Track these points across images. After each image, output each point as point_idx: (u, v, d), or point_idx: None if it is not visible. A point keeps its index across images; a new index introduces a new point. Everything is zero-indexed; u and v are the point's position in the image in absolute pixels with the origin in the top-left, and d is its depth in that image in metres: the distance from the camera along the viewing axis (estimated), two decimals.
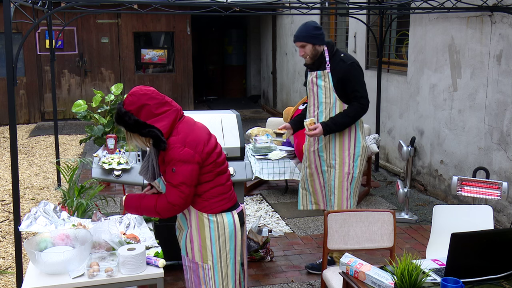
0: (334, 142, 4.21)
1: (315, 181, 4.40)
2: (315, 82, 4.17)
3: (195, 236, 2.88)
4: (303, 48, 4.09)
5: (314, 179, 4.41)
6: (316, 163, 4.34)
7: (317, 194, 4.43)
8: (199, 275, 2.91)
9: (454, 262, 2.51)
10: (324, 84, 4.13)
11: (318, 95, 4.19)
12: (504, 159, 5.35)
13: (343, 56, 4.12)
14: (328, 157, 4.25)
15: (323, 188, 4.38)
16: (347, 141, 4.21)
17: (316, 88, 4.18)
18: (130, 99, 2.73)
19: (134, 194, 2.91)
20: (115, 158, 4.11)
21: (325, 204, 4.39)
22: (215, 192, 2.86)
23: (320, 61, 4.13)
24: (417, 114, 6.84)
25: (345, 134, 4.19)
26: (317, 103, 4.21)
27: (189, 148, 2.72)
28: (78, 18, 9.56)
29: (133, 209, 2.88)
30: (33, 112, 11.56)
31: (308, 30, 4.06)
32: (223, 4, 5.27)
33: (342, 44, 9.40)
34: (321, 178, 4.36)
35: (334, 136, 4.19)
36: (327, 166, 4.28)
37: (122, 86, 7.01)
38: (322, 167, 4.32)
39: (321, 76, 4.14)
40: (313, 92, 4.21)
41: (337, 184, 4.22)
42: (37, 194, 6.57)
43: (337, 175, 4.22)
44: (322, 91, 4.16)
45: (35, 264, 2.62)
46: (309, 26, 4.08)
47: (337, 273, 3.21)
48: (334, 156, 4.22)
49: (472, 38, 5.74)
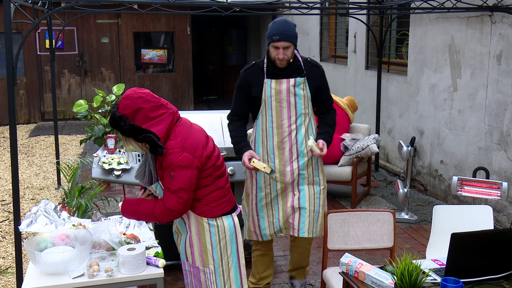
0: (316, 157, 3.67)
1: (287, 203, 3.66)
2: (292, 92, 3.53)
3: (195, 241, 2.84)
4: (286, 50, 3.44)
5: (286, 202, 3.66)
6: (294, 184, 3.64)
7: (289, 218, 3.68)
8: (200, 280, 2.88)
9: (454, 262, 2.51)
10: (303, 93, 3.55)
11: (296, 106, 3.55)
12: (504, 159, 5.35)
13: (310, 60, 3.64)
14: (311, 174, 3.66)
15: (296, 211, 3.65)
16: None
17: (293, 98, 3.54)
18: (124, 102, 2.63)
19: (131, 199, 2.86)
20: (115, 158, 4.12)
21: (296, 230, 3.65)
22: (215, 196, 2.82)
23: (294, 65, 3.54)
24: (417, 114, 6.85)
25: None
26: (295, 114, 3.56)
27: (187, 152, 2.66)
28: (78, 18, 9.56)
29: (131, 214, 2.83)
30: (33, 112, 11.56)
31: (292, 29, 3.46)
32: (223, 4, 5.27)
33: (342, 44, 9.40)
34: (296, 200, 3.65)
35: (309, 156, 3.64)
36: (307, 184, 3.66)
37: (124, 86, 7.02)
38: (300, 186, 3.65)
39: (300, 84, 3.54)
40: (289, 102, 3.54)
41: (322, 201, 3.69)
42: (37, 194, 6.57)
43: (322, 191, 3.70)
44: (301, 101, 3.56)
45: (35, 264, 2.62)
46: (292, 24, 3.47)
47: (337, 273, 3.21)
48: (318, 171, 3.68)
49: (472, 38, 5.74)
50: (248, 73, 3.62)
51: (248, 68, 3.65)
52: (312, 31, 10.32)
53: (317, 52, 10.10)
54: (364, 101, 8.18)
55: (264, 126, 3.61)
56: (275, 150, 3.61)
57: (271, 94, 3.55)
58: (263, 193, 3.69)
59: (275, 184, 3.65)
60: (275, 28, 3.42)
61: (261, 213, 3.72)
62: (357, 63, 8.48)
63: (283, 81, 3.53)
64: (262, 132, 3.63)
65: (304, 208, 3.65)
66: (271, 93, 3.55)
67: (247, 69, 3.65)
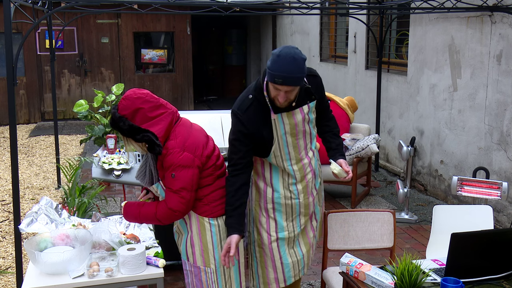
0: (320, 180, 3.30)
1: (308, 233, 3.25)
2: (306, 120, 2.98)
3: (196, 241, 2.85)
4: (289, 93, 2.76)
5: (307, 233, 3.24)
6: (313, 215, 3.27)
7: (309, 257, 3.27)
8: (201, 279, 2.89)
9: (454, 262, 2.51)
10: (314, 116, 3.05)
11: (311, 132, 3.06)
12: (504, 159, 5.35)
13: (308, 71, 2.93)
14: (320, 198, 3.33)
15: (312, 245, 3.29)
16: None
17: (308, 126, 3.01)
18: (124, 103, 2.66)
19: (133, 202, 2.86)
20: (115, 158, 4.12)
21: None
22: (216, 195, 2.83)
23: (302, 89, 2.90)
24: (417, 114, 6.85)
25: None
26: (310, 142, 3.08)
27: (188, 152, 2.67)
28: (78, 18, 9.56)
29: (132, 218, 2.83)
30: (33, 112, 11.56)
31: (302, 70, 2.70)
32: (223, 4, 5.28)
33: (342, 44, 9.40)
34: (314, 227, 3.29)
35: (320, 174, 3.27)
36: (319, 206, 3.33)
37: (123, 86, 7.02)
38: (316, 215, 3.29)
39: (312, 108, 2.99)
40: (304, 132, 3.01)
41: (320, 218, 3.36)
42: (37, 194, 6.57)
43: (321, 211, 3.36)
44: (313, 125, 3.06)
45: (35, 264, 2.62)
46: (300, 62, 2.68)
47: (337, 273, 3.21)
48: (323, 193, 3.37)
49: (472, 38, 5.74)
50: (250, 115, 2.88)
51: (248, 108, 2.89)
52: (312, 31, 10.32)
53: (317, 52, 10.10)
54: (364, 101, 8.18)
55: (281, 165, 3.02)
56: (298, 186, 3.09)
57: (285, 131, 2.94)
58: (285, 233, 3.13)
59: (298, 220, 3.15)
60: (279, 68, 2.67)
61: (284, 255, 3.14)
62: (357, 63, 8.48)
63: (296, 111, 2.92)
64: (282, 173, 3.05)
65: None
66: (285, 130, 2.93)
67: (247, 109, 2.89)
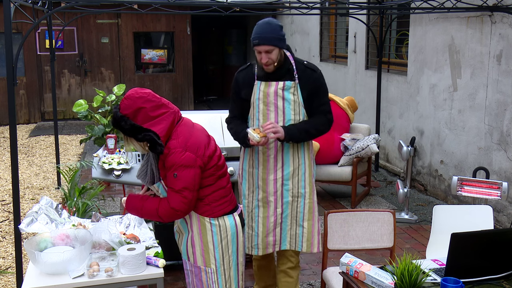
0: (303, 167, 3.46)
1: (269, 218, 3.48)
2: (280, 95, 3.34)
3: (197, 240, 2.85)
4: (269, 54, 3.23)
5: (268, 216, 3.48)
6: (277, 195, 3.45)
7: (268, 236, 3.49)
8: (202, 279, 2.89)
9: (454, 262, 2.51)
10: (293, 98, 3.35)
11: (284, 111, 3.36)
12: (504, 159, 5.35)
13: (307, 64, 3.40)
14: (296, 186, 3.45)
15: (277, 226, 3.48)
16: (313, 164, 3.55)
17: (282, 102, 3.35)
18: (125, 102, 2.66)
19: (136, 195, 2.87)
20: (115, 158, 4.12)
21: (278, 244, 3.51)
22: (217, 195, 2.83)
23: (285, 68, 3.33)
24: (417, 114, 6.85)
25: (311, 155, 3.52)
26: (283, 120, 3.37)
27: (190, 152, 2.67)
28: (78, 18, 9.56)
29: (134, 211, 2.84)
30: (33, 112, 11.56)
31: (275, 31, 3.23)
32: (223, 4, 5.28)
33: (342, 44, 9.40)
34: (279, 214, 3.47)
35: (304, 160, 3.46)
36: (291, 197, 3.46)
37: (124, 86, 7.03)
38: (284, 198, 3.45)
39: (290, 88, 3.34)
40: (276, 106, 3.35)
41: (307, 215, 3.49)
42: (37, 194, 6.57)
43: (307, 205, 3.48)
44: (291, 106, 3.35)
45: (35, 264, 2.62)
46: (275, 26, 3.24)
47: (337, 273, 3.21)
48: (304, 183, 3.47)
49: (472, 38, 5.74)
50: (240, 75, 3.52)
51: (242, 70, 3.53)
52: (312, 31, 10.32)
53: (317, 52, 10.10)
54: (364, 101, 8.18)
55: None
56: (259, 156, 3.42)
57: (259, 96, 3.38)
58: (246, 201, 3.53)
59: (257, 193, 3.47)
60: (256, 31, 3.24)
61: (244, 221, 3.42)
62: (357, 63, 8.48)
63: (272, 83, 3.35)
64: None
65: (286, 223, 3.50)
66: (259, 96, 3.38)
67: (241, 70, 3.53)
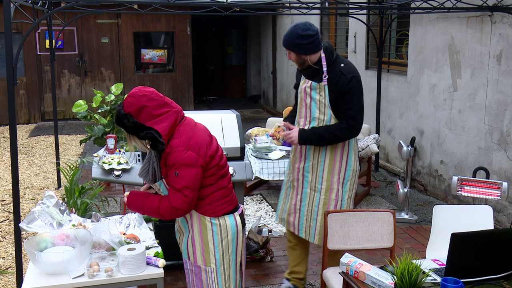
0: (323, 164, 3.68)
1: (291, 199, 3.85)
2: (308, 93, 3.64)
3: (197, 240, 2.85)
4: (291, 56, 3.62)
5: (291, 197, 3.86)
6: (298, 182, 3.79)
7: (290, 215, 3.86)
8: (202, 278, 2.89)
9: (454, 262, 2.51)
10: (319, 98, 3.59)
11: (311, 108, 3.65)
12: (504, 159, 5.35)
13: (343, 67, 3.55)
14: (314, 180, 3.71)
15: (297, 211, 3.81)
16: (338, 164, 3.69)
17: (309, 100, 3.65)
18: (129, 100, 2.68)
19: (137, 192, 2.87)
20: (115, 158, 4.11)
21: (296, 228, 3.84)
22: (218, 195, 2.83)
23: (315, 70, 3.58)
24: (417, 114, 6.85)
25: (336, 155, 3.68)
26: (309, 117, 3.67)
27: (192, 151, 2.68)
28: (78, 18, 9.56)
29: (135, 208, 2.84)
30: (33, 112, 11.56)
31: (291, 37, 3.53)
32: (223, 4, 5.28)
33: (342, 44, 9.40)
34: (299, 200, 3.79)
35: (324, 158, 3.68)
36: (310, 189, 3.74)
37: (122, 86, 7.02)
38: (304, 188, 3.76)
39: (316, 89, 3.59)
40: (305, 103, 3.68)
41: (321, 211, 3.71)
42: (37, 194, 6.57)
43: (322, 201, 3.70)
44: (316, 106, 3.62)
45: (35, 264, 2.62)
46: (294, 33, 3.52)
47: (337, 273, 3.21)
48: (321, 179, 3.69)
49: (472, 38, 5.74)
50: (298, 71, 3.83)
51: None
52: None
53: None
54: (364, 101, 8.16)
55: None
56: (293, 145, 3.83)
57: (299, 90, 3.75)
58: (287, 178, 3.95)
59: (290, 175, 3.89)
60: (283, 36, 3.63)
61: (281, 195, 4.00)
62: (357, 63, 8.48)
63: (306, 81, 3.67)
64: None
65: (303, 212, 3.79)
66: (299, 89, 3.76)
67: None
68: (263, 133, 6.55)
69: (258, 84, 14.82)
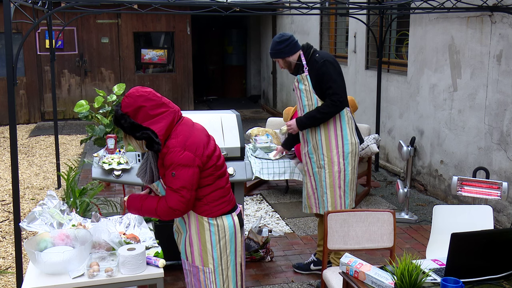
0: (320, 143, 4.20)
1: (307, 184, 4.36)
2: (297, 86, 4.22)
3: (195, 240, 2.85)
4: (278, 62, 4.24)
5: (307, 182, 4.36)
6: (308, 166, 4.31)
7: (310, 198, 4.36)
8: (200, 279, 2.89)
9: (454, 262, 2.51)
10: (305, 87, 4.16)
11: (301, 98, 4.21)
12: (504, 159, 5.35)
13: (317, 56, 4.12)
14: (318, 158, 4.22)
15: (315, 191, 4.31)
16: (333, 140, 4.17)
17: (299, 93, 4.22)
18: (126, 101, 2.69)
19: (136, 195, 2.88)
20: (115, 158, 4.11)
21: (317, 207, 4.32)
22: (216, 195, 2.83)
23: (298, 66, 4.19)
24: (417, 114, 6.85)
25: (330, 132, 4.17)
26: (302, 106, 4.23)
27: (189, 151, 2.67)
28: (78, 18, 9.56)
29: (135, 210, 2.85)
30: (33, 112, 11.56)
31: (272, 47, 4.17)
32: (223, 4, 5.28)
33: (342, 44, 9.40)
34: (313, 181, 4.31)
35: (320, 137, 4.19)
36: (317, 167, 4.24)
37: (124, 86, 7.02)
38: (313, 169, 4.28)
39: (301, 80, 4.18)
40: (298, 96, 4.25)
41: (328, 183, 4.19)
42: (37, 194, 6.57)
43: (327, 174, 4.19)
44: (304, 94, 4.18)
45: (35, 264, 2.62)
46: (273, 43, 4.17)
47: (337, 273, 3.21)
48: (323, 156, 4.19)
49: (472, 38, 5.74)
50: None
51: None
52: (312, 31, 10.32)
53: None
54: (364, 101, 8.18)
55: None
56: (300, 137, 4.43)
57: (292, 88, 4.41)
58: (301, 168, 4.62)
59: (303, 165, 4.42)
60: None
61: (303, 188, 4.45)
62: (357, 63, 8.48)
63: (295, 78, 4.24)
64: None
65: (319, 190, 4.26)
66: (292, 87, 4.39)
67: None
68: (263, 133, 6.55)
69: (258, 84, 14.82)
